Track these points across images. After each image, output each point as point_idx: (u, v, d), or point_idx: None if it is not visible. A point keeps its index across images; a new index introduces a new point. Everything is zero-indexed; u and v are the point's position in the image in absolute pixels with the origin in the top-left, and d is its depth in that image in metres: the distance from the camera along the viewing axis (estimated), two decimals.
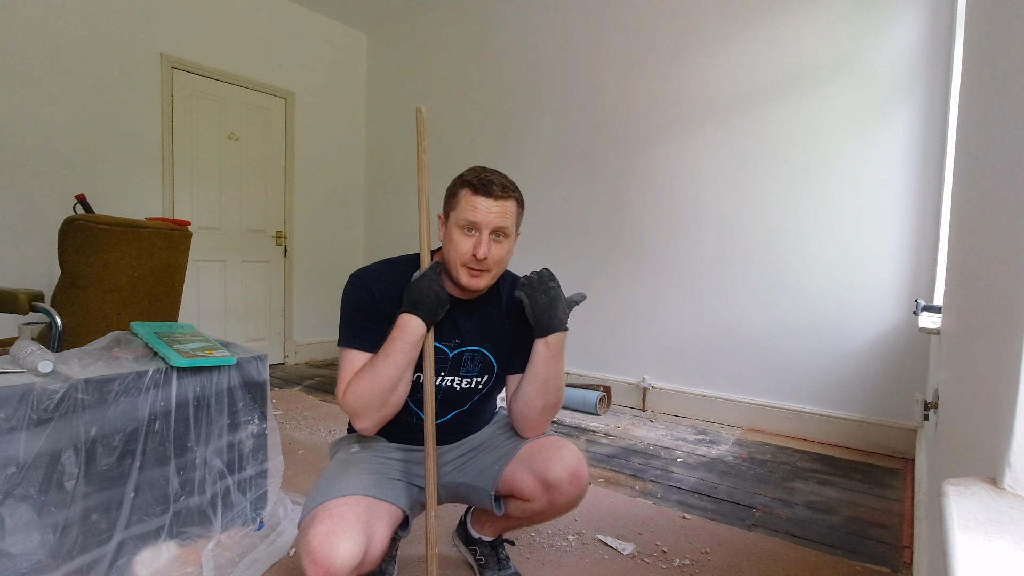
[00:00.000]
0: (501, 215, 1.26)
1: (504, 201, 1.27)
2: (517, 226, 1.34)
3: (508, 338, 1.39)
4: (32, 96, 3.01)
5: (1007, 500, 0.45)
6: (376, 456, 1.32)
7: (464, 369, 1.36)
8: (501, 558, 1.52)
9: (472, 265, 1.26)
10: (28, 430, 1.21)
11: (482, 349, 1.37)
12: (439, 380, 1.33)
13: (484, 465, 1.38)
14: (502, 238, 1.28)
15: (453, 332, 1.34)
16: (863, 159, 2.69)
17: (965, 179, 1.14)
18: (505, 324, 1.39)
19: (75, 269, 1.83)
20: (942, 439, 1.21)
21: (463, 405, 1.39)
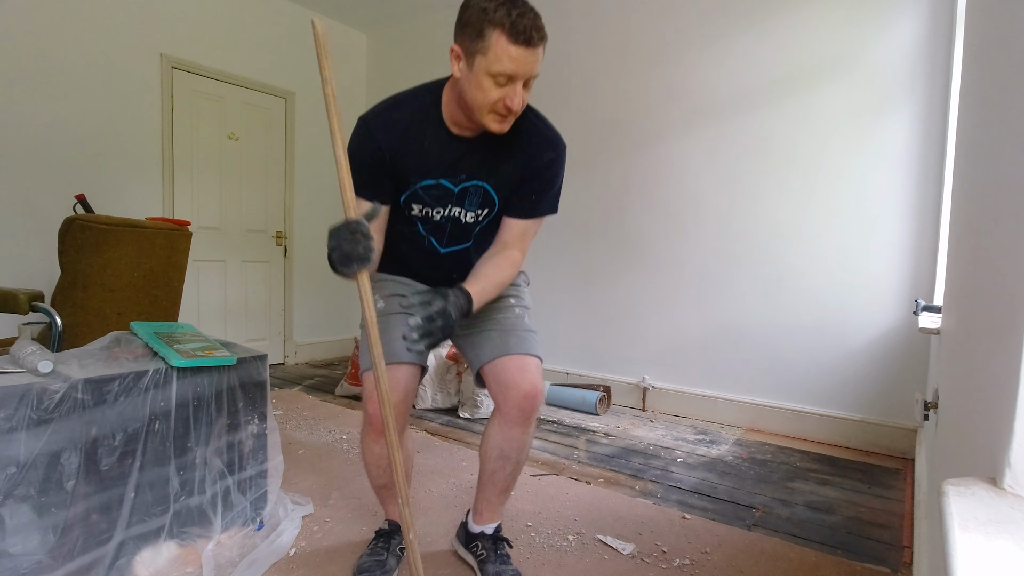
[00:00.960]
0: (536, 63, 1.21)
1: (540, 47, 1.21)
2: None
3: (511, 176, 1.39)
4: (32, 96, 3.01)
5: (1007, 500, 0.45)
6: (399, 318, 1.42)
7: (468, 203, 1.41)
8: (501, 554, 1.52)
9: (502, 112, 1.23)
10: (28, 430, 1.21)
11: (485, 184, 1.39)
12: (445, 212, 1.40)
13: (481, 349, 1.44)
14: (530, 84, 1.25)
15: (458, 169, 1.36)
16: (863, 159, 2.69)
17: (965, 179, 1.14)
18: (511, 163, 1.38)
19: (75, 269, 1.83)
20: (942, 439, 1.21)
21: (467, 237, 1.46)
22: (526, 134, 1.39)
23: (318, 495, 1.99)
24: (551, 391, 3.35)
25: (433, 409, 3.17)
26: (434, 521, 1.84)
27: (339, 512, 1.87)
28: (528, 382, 1.37)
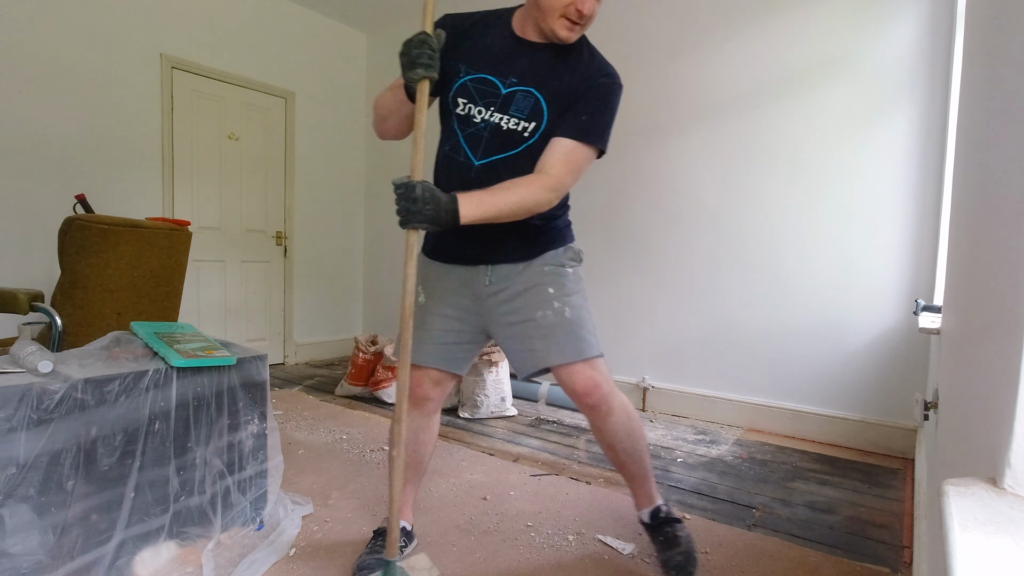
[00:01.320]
0: None
1: None
2: None
3: (564, 92, 1.34)
4: (32, 96, 3.01)
5: (1007, 500, 0.45)
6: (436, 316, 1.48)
7: (514, 108, 1.35)
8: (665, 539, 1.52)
9: (573, 18, 1.26)
10: (28, 430, 1.21)
11: (536, 92, 1.34)
12: (487, 114, 1.35)
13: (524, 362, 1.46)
14: None
15: (510, 70, 1.34)
16: (863, 158, 2.69)
17: (965, 179, 1.14)
18: (565, 79, 1.35)
19: (75, 269, 1.83)
20: (942, 439, 1.21)
21: (505, 150, 1.37)
22: (587, 55, 1.38)
23: (318, 495, 1.99)
24: (551, 391, 3.35)
25: None
26: (434, 520, 1.84)
27: (339, 512, 1.87)
28: (580, 385, 1.42)
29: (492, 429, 2.87)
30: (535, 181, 1.30)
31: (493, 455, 2.48)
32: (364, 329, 4.91)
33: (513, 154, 1.37)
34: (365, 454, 2.43)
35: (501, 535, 1.76)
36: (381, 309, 4.80)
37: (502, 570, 1.57)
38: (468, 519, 1.86)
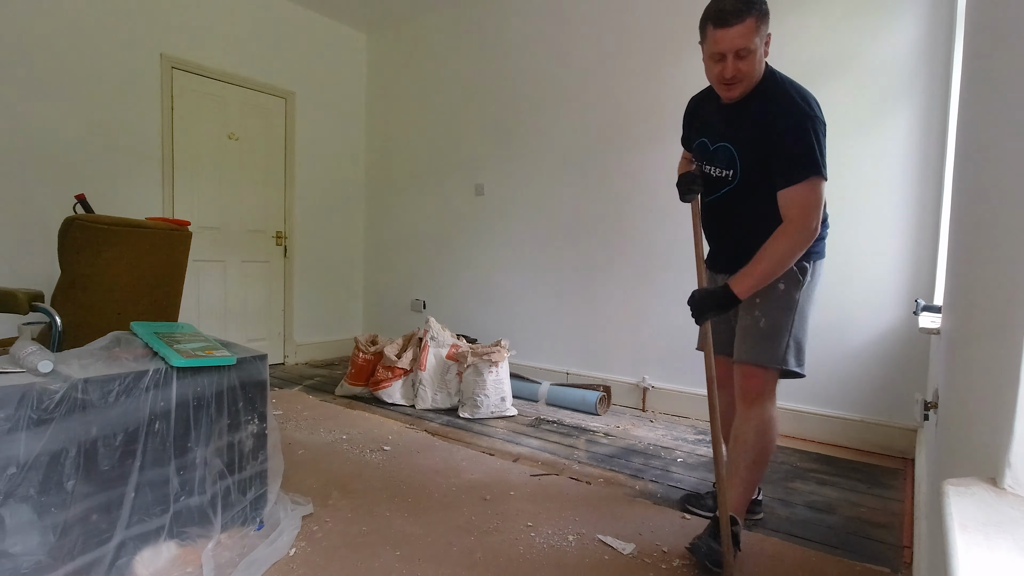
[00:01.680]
0: (741, 36, 1.49)
1: (740, 25, 1.49)
2: (760, 35, 1.53)
3: (750, 141, 1.61)
4: (32, 96, 3.01)
5: (1007, 500, 0.45)
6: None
7: (718, 160, 1.70)
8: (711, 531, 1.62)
9: (723, 83, 1.57)
10: (28, 430, 1.21)
11: (729, 146, 1.66)
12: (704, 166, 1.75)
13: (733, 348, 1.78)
14: (746, 54, 1.52)
15: (715, 131, 1.71)
16: (863, 159, 2.69)
17: (965, 179, 1.14)
18: (751, 130, 1.60)
19: (75, 269, 1.83)
20: (942, 439, 1.20)
21: (719, 191, 1.72)
22: (768, 104, 1.59)
23: (318, 495, 1.99)
24: (551, 391, 3.35)
25: (433, 409, 3.17)
26: (433, 521, 1.84)
27: (339, 512, 1.87)
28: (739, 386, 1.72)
29: (492, 429, 2.87)
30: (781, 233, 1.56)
31: (493, 455, 2.48)
32: (364, 329, 4.91)
33: (724, 192, 1.71)
34: (365, 454, 2.43)
35: (501, 535, 1.76)
36: (381, 309, 4.80)
37: (502, 570, 1.57)
38: (468, 519, 1.86)
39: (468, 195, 4.16)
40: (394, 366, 3.25)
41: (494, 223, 4.02)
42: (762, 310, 1.66)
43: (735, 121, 1.64)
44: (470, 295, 4.17)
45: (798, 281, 1.65)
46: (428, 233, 4.43)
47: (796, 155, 1.52)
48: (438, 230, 4.36)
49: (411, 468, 2.28)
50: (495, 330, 3.97)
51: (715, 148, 1.70)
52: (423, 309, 4.45)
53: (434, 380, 3.20)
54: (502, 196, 3.97)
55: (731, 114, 1.65)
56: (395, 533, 1.74)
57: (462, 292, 4.22)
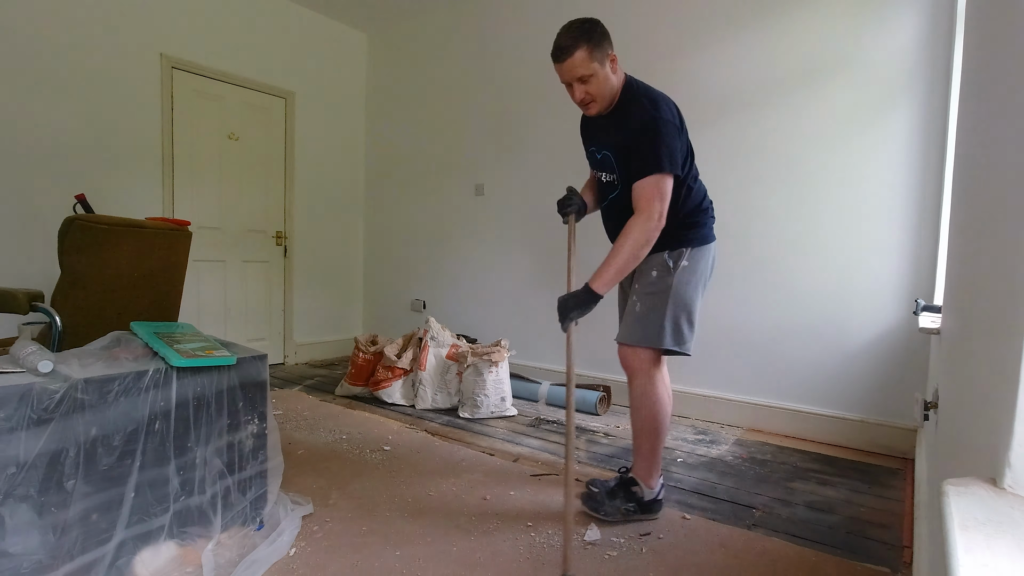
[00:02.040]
0: (576, 67, 1.72)
1: (571, 58, 1.72)
2: (597, 60, 1.73)
3: (619, 147, 1.79)
4: (32, 96, 3.01)
5: (1007, 500, 0.45)
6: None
7: (605, 167, 1.89)
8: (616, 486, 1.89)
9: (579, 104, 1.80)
10: (28, 430, 1.21)
11: (608, 152, 1.84)
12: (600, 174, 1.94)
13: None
14: (587, 79, 1.73)
15: (599, 141, 1.88)
16: (863, 158, 2.69)
17: (965, 179, 1.14)
18: (618, 135, 1.79)
19: (75, 269, 1.83)
20: (942, 439, 1.20)
21: (608, 195, 1.91)
22: (629, 111, 1.77)
23: (318, 495, 1.99)
24: (551, 391, 3.35)
25: (433, 409, 3.17)
26: (434, 520, 1.84)
27: (339, 512, 1.87)
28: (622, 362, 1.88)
29: (492, 429, 2.87)
30: (629, 225, 1.72)
31: (493, 455, 2.48)
32: (364, 329, 4.91)
33: (611, 199, 1.91)
34: (365, 454, 2.43)
35: (501, 535, 1.76)
36: (381, 309, 4.80)
37: (502, 570, 1.57)
38: (468, 519, 1.86)
39: (468, 195, 4.16)
40: (394, 366, 3.25)
41: (494, 223, 4.01)
42: (639, 295, 1.86)
43: (609, 129, 1.83)
44: (470, 295, 4.17)
45: (668, 268, 1.83)
46: (428, 233, 4.42)
47: (643, 154, 1.70)
48: (438, 230, 4.36)
49: (411, 468, 2.28)
50: (495, 330, 3.97)
51: (600, 156, 1.89)
52: (423, 309, 4.45)
53: (434, 380, 3.20)
54: (502, 196, 3.97)
55: (606, 123, 1.84)
56: (395, 533, 1.74)
57: (462, 292, 4.22)
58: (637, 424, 1.86)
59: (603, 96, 1.77)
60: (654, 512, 1.89)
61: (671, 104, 1.79)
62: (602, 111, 1.80)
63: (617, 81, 1.79)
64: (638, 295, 1.86)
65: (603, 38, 1.76)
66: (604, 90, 1.76)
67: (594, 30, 1.75)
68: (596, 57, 1.72)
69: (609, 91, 1.77)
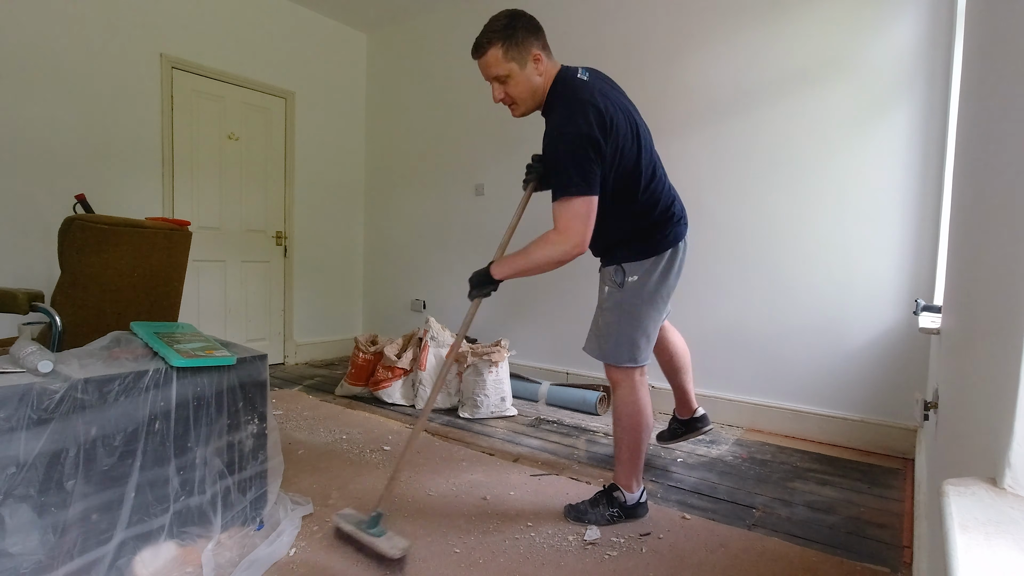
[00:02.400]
0: (490, 66, 1.61)
1: (485, 56, 1.61)
2: (515, 59, 1.60)
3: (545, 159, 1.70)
4: (32, 96, 3.01)
5: (1007, 500, 0.45)
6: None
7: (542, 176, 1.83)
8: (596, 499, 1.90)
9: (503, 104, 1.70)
10: (28, 430, 1.21)
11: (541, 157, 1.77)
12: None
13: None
14: (504, 79, 1.62)
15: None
16: (863, 158, 2.69)
17: (965, 179, 1.14)
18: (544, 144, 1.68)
19: (75, 269, 1.83)
20: (942, 439, 1.21)
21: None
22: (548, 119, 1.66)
23: (318, 495, 1.99)
24: (551, 391, 3.35)
25: (433, 409, 3.17)
26: (434, 520, 1.84)
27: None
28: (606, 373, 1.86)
29: (492, 429, 2.87)
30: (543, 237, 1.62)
31: (493, 455, 2.48)
32: (364, 329, 4.91)
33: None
34: (365, 454, 2.43)
35: (501, 535, 1.76)
36: (381, 309, 4.80)
37: (502, 570, 1.57)
38: (468, 519, 1.86)
39: (468, 195, 4.16)
40: (394, 366, 3.25)
41: (494, 223, 4.01)
42: (599, 309, 1.85)
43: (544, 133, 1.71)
44: None
45: (616, 284, 1.77)
46: (428, 233, 4.42)
47: (555, 173, 1.59)
48: (438, 230, 4.36)
49: (411, 468, 2.28)
50: (495, 330, 3.97)
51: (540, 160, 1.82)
52: (423, 309, 4.45)
53: (434, 380, 3.20)
54: (502, 196, 3.97)
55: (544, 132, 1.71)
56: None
57: (462, 292, 4.22)
58: (618, 432, 1.84)
59: (523, 99, 1.64)
60: (639, 516, 1.88)
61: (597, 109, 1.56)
62: (527, 113, 1.68)
63: (543, 81, 1.64)
64: (599, 308, 1.84)
65: (527, 34, 1.58)
66: (524, 92, 1.62)
67: (513, 26, 1.57)
68: (513, 56, 1.58)
69: (531, 93, 1.64)
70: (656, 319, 1.79)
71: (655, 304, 1.77)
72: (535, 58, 1.60)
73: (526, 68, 1.59)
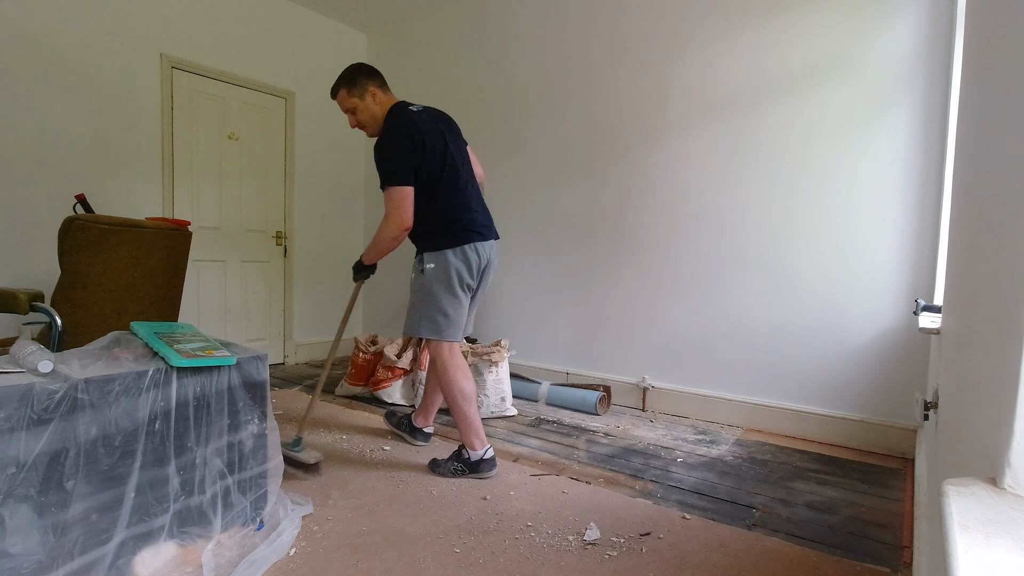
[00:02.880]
0: (340, 103, 2.23)
1: (337, 97, 2.23)
2: (358, 96, 2.19)
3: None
4: (32, 96, 3.01)
5: (1007, 500, 0.45)
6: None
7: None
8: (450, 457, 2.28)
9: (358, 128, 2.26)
10: (28, 430, 1.21)
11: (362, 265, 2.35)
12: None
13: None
14: (353, 111, 2.21)
15: None
16: (863, 158, 2.69)
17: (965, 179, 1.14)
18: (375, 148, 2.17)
19: (75, 269, 1.83)
20: (942, 439, 1.21)
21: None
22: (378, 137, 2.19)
23: (318, 495, 1.99)
24: (551, 391, 3.35)
25: None
26: (434, 520, 1.84)
27: (339, 512, 1.87)
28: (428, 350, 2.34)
29: (492, 429, 2.87)
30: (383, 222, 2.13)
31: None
32: (364, 329, 4.91)
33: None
34: (365, 454, 2.43)
35: (501, 535, 1.76)
36: (381, 309, 4.80)
37: (502, 570, 1.57)
38: (468, 519, 1.86)
39: None
40: (394, 366, 3.25)
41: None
42: (409, 292, 2.26)
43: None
44: None
45: (417, 270, 2.22)
46: None
47: (379, 173, 2.11)
48: None
49: (411, 468, 2.28)
50: (495, 330, 3.97)
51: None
52: None
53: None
54: (502, 196, 3.97)
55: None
56: (395, 533, 1.75)
57: None
58: (447, 400, 2.24)
59: (368, 123, 2.21)
60: (482, 472, 2.20)
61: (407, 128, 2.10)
62: (374, 135, 2.21)
63: (381, 111, 2.19)
64: (410, 292, 2.25)
65: (366, 78, 2.19)
66: (368, 118, 2.20)
67: (354, 74, 2.19)
68: (355, 94, 2.18)
69: (372, 119, 2.20)
70: (454, 304, 2.18)
71: (452, 290, 2.18)
72: (372, 94, 2.18)
73: (365, 100, 2.18)
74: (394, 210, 2.08)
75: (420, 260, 2.21)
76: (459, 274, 2.18)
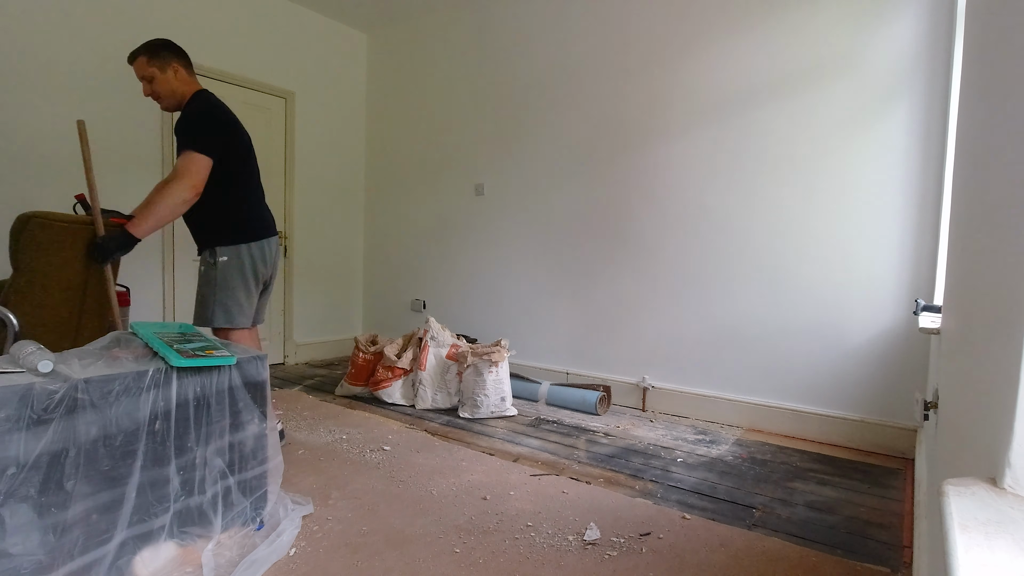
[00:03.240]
0: (138, 69, 2.20)
1: (136, 63, 2.20)
2: (158, 66, 2.18)
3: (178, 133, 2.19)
4: (31, 96, 3.01)
5: (1007, 500, 0.45)
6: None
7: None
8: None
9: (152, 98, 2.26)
10: (28, 430, 1.21)
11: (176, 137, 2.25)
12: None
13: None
14: (151, 79, 2.19)
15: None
16: (863, 158, 2.69)
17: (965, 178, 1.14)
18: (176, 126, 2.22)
19: (33, 267, 1.82)
20: (942, 439, 1.21)
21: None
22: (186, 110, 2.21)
23: (318, 495, 1.99)
24: (551, 391, 3.35)
25: (433, 409, 3.17)
26: (434, 520, 1.84)
27: (339, 512, 1.87)
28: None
29: (492, 429, 2.87)
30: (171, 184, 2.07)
31: (493, 455, 2.48)
32: (364, 329, 4.91)
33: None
34: (365, 454, 2.43)
35: (501, 535, 1.76)
36: (381, 309, 4.80)
37: (502, 570, 1.57)
38: (468, 519, 1.86)
39: (468, 195, 4.16)
40: (394, 366, 3.25)
41: (494, 223, 4.02)
42: (198, 286, 2.27)
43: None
44: (470, 295, 4.17)
45: (209, 264, 2.24)
46: (428, 233, 4.42)
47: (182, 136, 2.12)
48: (438, 230, 4.36)
49: (411, 468, 2.28)
50: (495, 330, 3.97)
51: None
52: (423, 309, 4.45)
53: (434, 380, 3.20)
54: (502, 196, 3.97)
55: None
56: (395, 533, 1.75)
57: (462, 292, 4.22)
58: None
59: (169, 96, 2.21)
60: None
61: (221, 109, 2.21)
62: (170, 110, 2.27)
63: (182, 88, 2.21)
64: (198, 285, 2.27)
65: (171, 54, 2.19)
66: (168, 90, 2.20)
67: (159, 47, 2.19)
68: (155, 64, 2.17)
69: (170, 92, 2.20)
70: (248, 295, 2.29)
71: (246, 281, 2.27)
72: (174, 69, 2.19)
73: (165, 73, 2.17)
74: (192, 174, 2.07)
75: (212, 253, 2.24)
76: (254, 267, 2.29)
